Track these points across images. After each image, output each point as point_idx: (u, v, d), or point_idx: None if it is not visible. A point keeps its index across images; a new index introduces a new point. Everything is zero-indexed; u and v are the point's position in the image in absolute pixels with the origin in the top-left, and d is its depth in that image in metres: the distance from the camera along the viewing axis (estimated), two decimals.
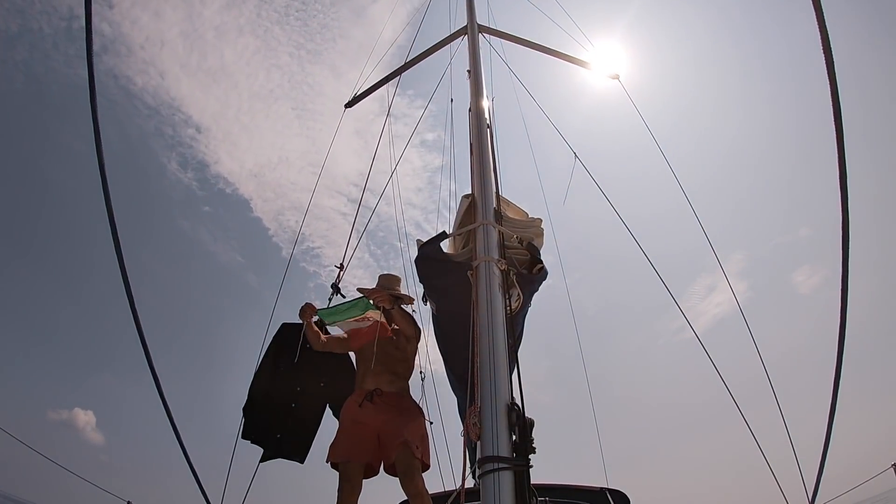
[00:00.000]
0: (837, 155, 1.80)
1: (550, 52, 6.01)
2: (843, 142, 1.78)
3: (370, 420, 2.90)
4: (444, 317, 3.38)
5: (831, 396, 2.28)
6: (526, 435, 2.24)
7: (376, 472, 2.95)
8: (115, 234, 1.97)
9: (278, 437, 3.35)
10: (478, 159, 3.70)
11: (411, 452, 2.70)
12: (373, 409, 2.93)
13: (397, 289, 3.37)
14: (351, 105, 6.24)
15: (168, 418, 2.38)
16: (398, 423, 2.86)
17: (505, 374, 2.44)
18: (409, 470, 2.69)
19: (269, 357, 3.38)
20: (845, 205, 1.89)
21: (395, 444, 2.74)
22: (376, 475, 2.95)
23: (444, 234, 3.41)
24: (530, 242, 3.42)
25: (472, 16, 5.60)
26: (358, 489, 2.77)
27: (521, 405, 2.35)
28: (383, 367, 3.09)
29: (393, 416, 2.91)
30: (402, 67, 5.84)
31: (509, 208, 3.80)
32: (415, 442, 2.76)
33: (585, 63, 6.09)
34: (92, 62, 1.84)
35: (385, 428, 2.86)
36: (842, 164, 1.81)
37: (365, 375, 3.09)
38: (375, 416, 2.90)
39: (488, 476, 2.11)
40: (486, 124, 4.02)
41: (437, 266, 3.29)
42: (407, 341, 3.22)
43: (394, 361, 3.14)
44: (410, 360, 3.25)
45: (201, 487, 2.71)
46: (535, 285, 3.36)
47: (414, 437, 2.80)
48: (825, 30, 1.68)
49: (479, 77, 4.57)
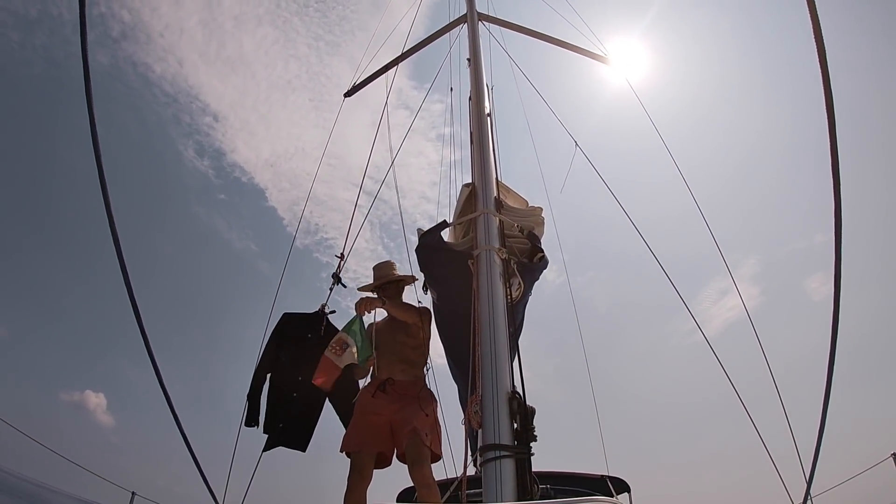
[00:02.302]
0: (831, 160, 1.79)
1: (551, 39, 5.96)
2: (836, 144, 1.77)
3: (383, 410, 2.90)
4: (445, 306, 3.38)
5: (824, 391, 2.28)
6: (527, 423, 2.25)
7: (389, 461, 2.95)
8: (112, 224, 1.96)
9: (280, 427, 3.36)
10: (478, 148, 3.68)
11: (420, 441, 2.70)
12: (385, 398, 2.92)
13: (393, 273, 3.34)
14: (350, 94, 6.19)
15: (168, 406, 2.37)
16: (409, 411, 2.86)
17: (506, 362, 2.44)
18: (418, 458, 2.69)
19: (271, 346, 3.39)
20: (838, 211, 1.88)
21: (406, 433, 2.75)
22: (389, 465, 2.95)
23: (444, 223, 3.40)
24: (531, 231, 3.41)
25: (472, 3, 5.54)
26: (368, 479, 2.78)
27: (522, 393, 2.36)
28: (395, 355, 3.07)
29: (405, 404, 2.90)
30: (400, 56, 5.79)
31: (509, 196, 3.78)
32: (424, 430, 2.76)
33: (587, 52, 6.03)
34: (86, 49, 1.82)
35: (397, 417, 2.86)
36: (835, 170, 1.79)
37: (380, 365, 3.09)
38: (388, 405, 2.90)
39: (490, 464, 2.12)
40: (486, 113, 3.99)
41: (438, 255, 3.28)
42: (418, 327, 3.17)
43: (406, 349, 3.10)
44: (424, 347, 3.20)
45: (203, 475, 2.73)
46: (536, 274, 3.35)
47: (424, 425, 2.79)
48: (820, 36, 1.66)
49: (479, 65, 4.54)
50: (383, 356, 3.09)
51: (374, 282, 3.32)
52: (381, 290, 3.31)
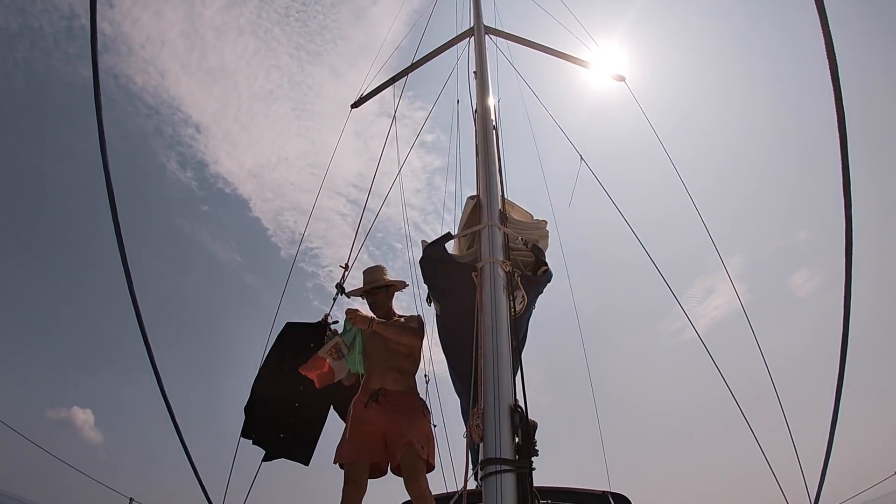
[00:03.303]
0: (841, 160, 1.79)
1: (557, 53, 6.01)
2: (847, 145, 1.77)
3: (376, 420, 2.88)
4: (448, 318, 3.37)
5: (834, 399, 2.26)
6: (529, 437, 2.23)
7: (384, 472, 2.93)
8: (118, 232, 1.98)
9: (282, 437, 3.34)
10: (483, 161, 3.70)
11: (416, 453, 2.69)
12: (378, 409, 2.91)
13: (384, 278, 3.32)
14: (357, 105, 6.25)
15: (169, 415, 2.39)
16: (403, 423, 2.84)
17: (508, 376, 2.43)
18: (414, 471, 2.68)
19: (273, 356, 3.38)
20: (848, 209, 1.87)
21: (401, 445, 2.73)
22: (384, 475, 2.94)
23: (449, 236, 3.41)
24: (535, 244, 3.41)
25: (479, 17, 5.60)
26: (363, 490, 2.77)
27: (524, 407, 2.35)
28: (387, 364, 3.04)
29: (398, 415, 2.89)
30: (408, 68, 5.84)
31: (514, 210, 3.79)
32: (420, 442, 2.75)
33: (591, 65, 6.08)
34: (97, 62, 1.85)
35: (390, 428, 2.84)
36: (845, 169, 1.79)
37: (370, 374, 3.07)
38: (381, 416, 2.88)
39: (491, 478, 2.10)
40: (491, 126, 4.01)
41: (442, 267, 3.28)
42: (409, 338, 3.14)
43: (398, 357, 3.07)
44: (416, 355, 3.18)
45: (202, 486, 2.72)
46: (540, 287, 3.34)
47: (419, 437, 2.79)
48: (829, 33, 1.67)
49: (486, 79, 4.57)
50: (375, 364, 3.06)
51: (363, 286, 3.32)
52: (371, 294, 3.30)
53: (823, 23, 1.67)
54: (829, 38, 1.68)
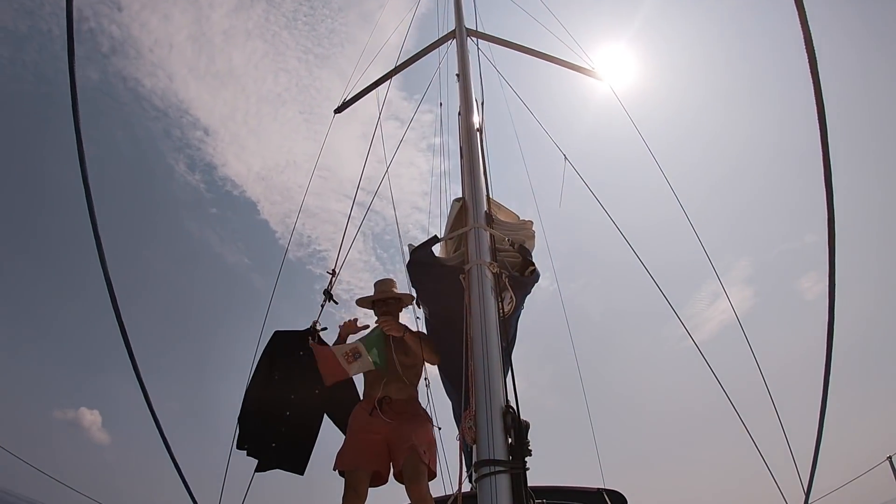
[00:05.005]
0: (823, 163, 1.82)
1: (539, 54, 6.05)
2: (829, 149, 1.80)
3: (379, 429, 2.90)
4: (437, 321, 3.37)
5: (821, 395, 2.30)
6: (522, 437, 2.23)
7: (385, 480, 2.93)
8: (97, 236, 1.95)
9: (274, 447, 3.30)
10: (468, 163, 3.71)
11: (419, 457, 2.70)
12: (382, 417, 2.93)
13: (394, 291, 3.38)
14: (340, 110, 6.23)
15: (155, 425, 2.35)
16: (407, 429, 2.86)
17: (499, 377, 2.43)
18: (416, 475, 2.69)
19: (263, 365, 3.34)
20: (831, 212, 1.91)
21: (404, 449, 2.75)
22: (385, 483, 2.93)
23: (435, 238, 3.40)
24: (522, 245, 3.42)
25: (461, 19, 5.62)
26: (362, 498, 2.76)
27: (516, 408, 2.35)
28: (392, 374, 3.08)
29: (402, 422, 2.92)
30: (391, 72, 5.85)
31: (500, 211, 3.80)
32: (423, 447, 2.76)
33: (575, 66, 6.13)
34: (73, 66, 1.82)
35: (394, 435, 2.86)
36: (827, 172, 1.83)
37: (374, 383, 3.09)
38: (384, 424, 2.91)
39: (485, 479, 2.10)
40: (475, 128, 4.02)
41: (430, 270, 3.28)
42: (418, 348, 3.20)
43: (403, 368, 3.12)
44: (420, 366, 3.25)
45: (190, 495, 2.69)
46: (528, 287, 3.36)
47: (422, 442, 2.80)
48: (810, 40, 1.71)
49: (468, 81, 4.59)
50: (384, 373, 3.08)
51: (373, 295, 3.35)
52: (379, 305, 3.33)
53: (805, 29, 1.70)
54: (810, 43, 1.71)
